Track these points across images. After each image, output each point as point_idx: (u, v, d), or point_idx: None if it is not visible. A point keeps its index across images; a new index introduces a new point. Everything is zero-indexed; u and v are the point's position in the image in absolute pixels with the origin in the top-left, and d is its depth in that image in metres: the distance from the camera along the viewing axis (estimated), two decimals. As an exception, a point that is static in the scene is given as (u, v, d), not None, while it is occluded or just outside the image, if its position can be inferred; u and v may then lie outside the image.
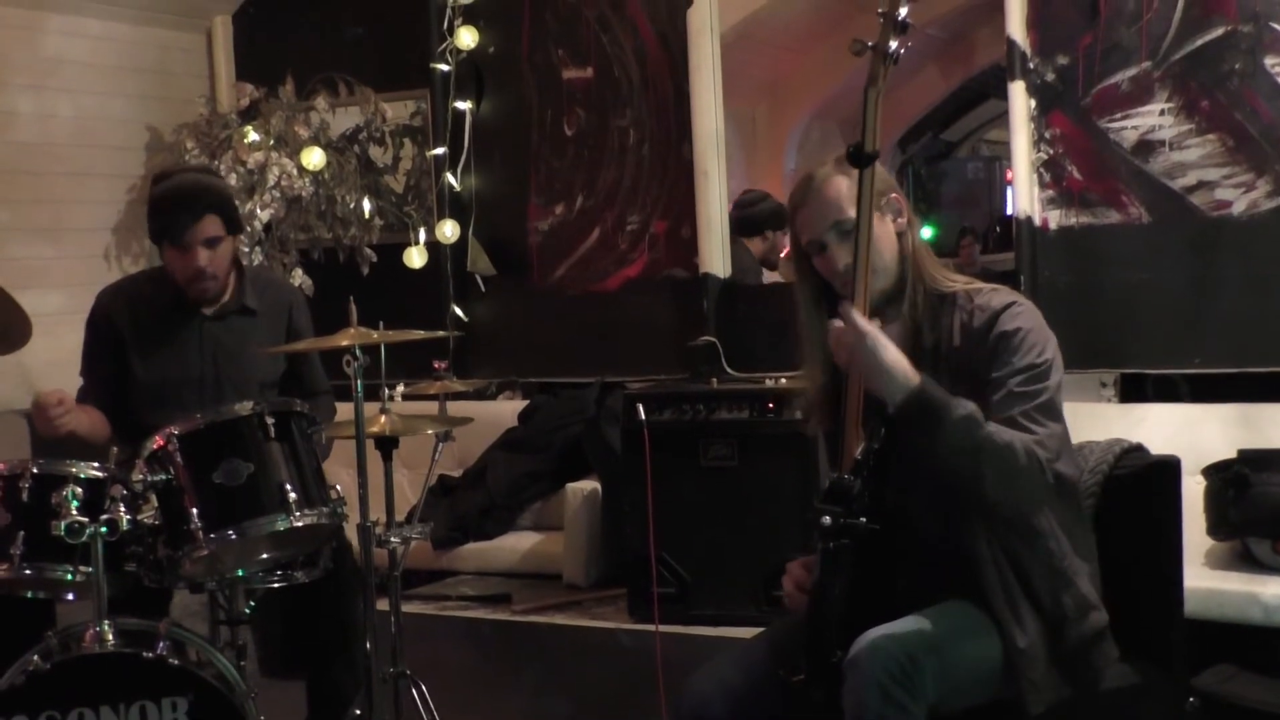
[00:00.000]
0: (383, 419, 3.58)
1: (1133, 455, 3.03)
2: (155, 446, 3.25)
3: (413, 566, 4.75)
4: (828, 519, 2.56)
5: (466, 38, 5.91)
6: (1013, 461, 2.54)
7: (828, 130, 6.84)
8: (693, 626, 4.42)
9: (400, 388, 4.84)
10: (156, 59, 6.26)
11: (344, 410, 3.55)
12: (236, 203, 3.97)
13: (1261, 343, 4.58)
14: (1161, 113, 4.70)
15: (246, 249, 5.66)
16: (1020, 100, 4.88)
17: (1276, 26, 4.52)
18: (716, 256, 5.49)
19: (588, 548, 5.04)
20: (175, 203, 3.71)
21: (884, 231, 2.76)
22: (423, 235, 6.03)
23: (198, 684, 3.12)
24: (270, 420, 3.29)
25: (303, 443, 3.37)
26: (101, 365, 3.84)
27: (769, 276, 5.82)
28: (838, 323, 2.62)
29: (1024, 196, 4.90)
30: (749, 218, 5.80)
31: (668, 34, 5.61)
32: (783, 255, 5.68)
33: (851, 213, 2.67)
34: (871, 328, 2.57)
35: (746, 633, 3.10)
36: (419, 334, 3.66)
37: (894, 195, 2.80)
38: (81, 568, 3.19)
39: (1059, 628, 2.67)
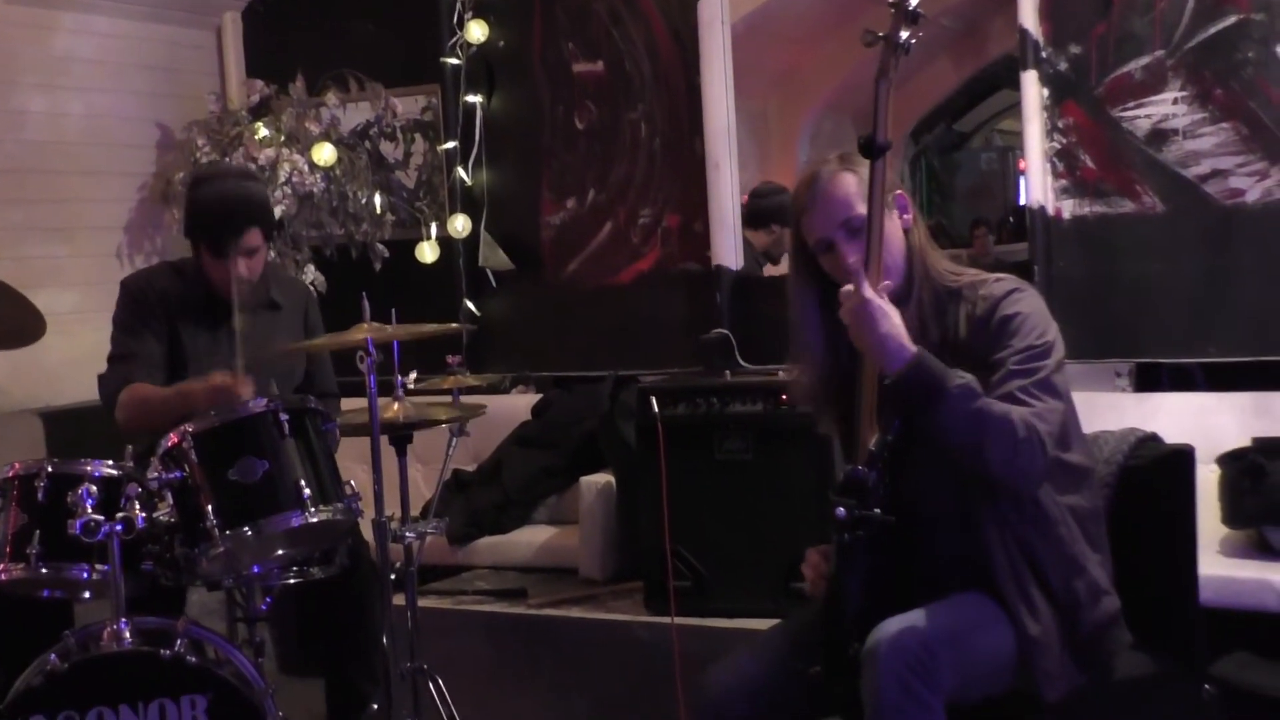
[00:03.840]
0: (396, 406, 3.59)
1: (1147, 445, 3.02)
2: (170, 444, 3.25)
3: (429, 562, 4.74)
4: (843, 511, 2.56)
5: (477, 32, 5.91)
6: (1011, 433, 2.52)
7: (840, 122, 6.84)
8: (709, 619, 4.41)
9: (413, 374, 4.84)
10: (167, 56, 6.27)
11: (358, 405, 3.55)
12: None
13: (1276, 331, 4.57)
14: (1175, 102, 4.69)
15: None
16: (1033, 90, 4.87)
17: (1290, 15, 4.51)
18: (729, 250, 5.48)
19: (603, 541, 5.03)
20: (220, 215, 3.73)
21: (891, 228, 2.74)
22: (434, 230, 6.04)
23: (216, 682, 3.13)
24: (285, 417, 3.28)
25: (317, 439, 3.37)
26: (151, 338, 3.79)
27: (770, 270, 5.81)
28: (848, 288, 2.60)
29: (1037, 187, 4.89)
30: (756, 209, 5.79)
31: (679, 27, 5.60)
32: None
33: (860, 210, 2.66)
34: (873, 295, 2.56)
35: (763, 624, 3.08)
36: (432, 327, 3.66)
37: (899, 192, 2.79)
38: (98, 566, 3.20)
39: (1072, 615, 2.67)
